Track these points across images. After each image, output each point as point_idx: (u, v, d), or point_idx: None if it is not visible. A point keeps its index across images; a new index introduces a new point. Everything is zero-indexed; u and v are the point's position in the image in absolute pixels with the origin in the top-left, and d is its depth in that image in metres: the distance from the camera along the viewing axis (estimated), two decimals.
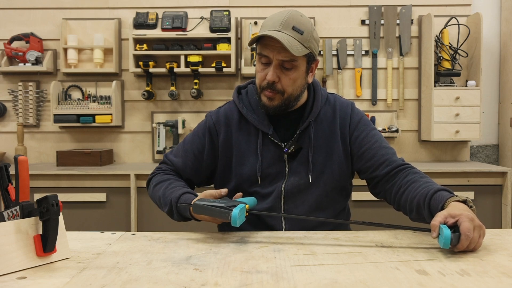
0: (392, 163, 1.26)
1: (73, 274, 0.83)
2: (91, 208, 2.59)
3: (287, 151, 1.27)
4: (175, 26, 2.87)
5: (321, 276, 0.80)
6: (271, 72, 1.20)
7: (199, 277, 0.80)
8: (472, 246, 0.93)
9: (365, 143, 1.30)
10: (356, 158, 1.31)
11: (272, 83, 1.21)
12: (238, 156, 1.31)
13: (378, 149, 1.28)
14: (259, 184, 1.29)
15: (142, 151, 3.08)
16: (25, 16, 3.06)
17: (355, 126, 1.32)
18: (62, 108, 2.92)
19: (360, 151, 1.30)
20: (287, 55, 1.18)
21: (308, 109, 1.31)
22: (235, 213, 1.01)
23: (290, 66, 1.21)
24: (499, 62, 3.12)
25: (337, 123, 1.32)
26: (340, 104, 1.35)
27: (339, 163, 1.30)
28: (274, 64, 1.20)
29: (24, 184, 0.89)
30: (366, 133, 1.31)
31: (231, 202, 1.08)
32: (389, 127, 2.97)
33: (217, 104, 3.05)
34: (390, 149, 1.30)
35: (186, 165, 1.34)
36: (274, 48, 1.18)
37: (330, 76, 3.06)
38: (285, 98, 1.24)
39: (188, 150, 1.34)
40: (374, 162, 1.27)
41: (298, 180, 1.28)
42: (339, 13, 3.06)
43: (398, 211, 1.25)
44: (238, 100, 1.34)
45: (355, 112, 1.35)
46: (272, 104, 1.24)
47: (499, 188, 2.59)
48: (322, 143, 1.30)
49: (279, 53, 1.18)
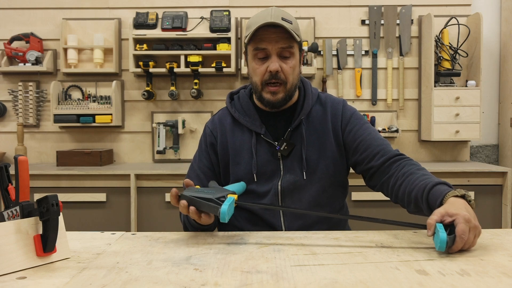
0: (387, 153, 1.26)
1: (73, 274, 0.83)
2: (91, 208, 2.59)
3: (279, 149, 1.29)
4: (175, 26, 2.87)
5: (321, 276, 0.80)
6: (273, 62, 1.23)
7: (199, 277, 0.80)
8: (466, 247, 0.94)
9: (358, 135, 1.31)
10: (352, 151, 1.32)
11: (276, 73, 1.23)
12: (233, 156, 1.33)
13: (372, 140, 1.29)
14: (255, 182, 1.30)
15: (142, 151, 3.08)
16: (25, 16, 3.06)
17: (347, 121, 1.33)
18: (62, 108, 2.92)
19: (354, 143, 1.31)
20: (286, 42, 1.23)
21: (299, 107, 1.33)
22: (224, 209, 0.99)
23: (288, 54, 1.25)
24: (499, 62, 3.12)
25: (328, 119, 1.33)
26: (331, 101, 1.37)
27: (333, 159, 1.31)
28: (273, 54, 1.23)
29: (24, 184, 0.89)
30: (359, 126, 1.33)
31: (219, 191, 1.07)
32: (389, 127, 2.97)
33: (217, 104, 3.05)
34: (384, 141, 1.31)
35: (202, 181, 1.35)
36: (271, 39, 1.22)
37: (330, 76, 3.06)
38: (287, 89, 1.27)
39: (201, 167, 1.37)
40: (369, 153, 1.28)
41: (293, 178, 1.29)
42: (339, 13, 3.06)
43: (396, 204, 1.25)
44: (231, 105, 1.38)
45: (347, 108, 1.36)
46: (277, 98, 1.27)
47: (499, 188, 2.59)
48: (315, 140, 1.31)
49: (277, 42, 1.22)
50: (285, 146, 1.29)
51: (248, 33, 1.25)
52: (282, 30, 1.21)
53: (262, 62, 1.25)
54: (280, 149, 1.29)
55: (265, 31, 1.22)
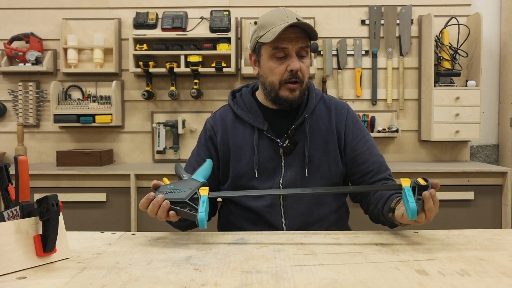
0: (379, 173, 1.31)
1: (73, 274, 0.83)
2: (91, 208, 2.59)
3: (281, 145, 1.29)
4: (175, 26, 2.87)
5: (321, 276, 0.80)
6: (295, 62, 1.24)
7: (199, 277, 0.80)
8: (434, 208, 0.98)
9: (358, 147, 1.33)
10: (348, 160, 1.34)
11: (296, 73, 1.25)
12: (235, 152, 1.33)
13: (369, 156, 1.33)
14: (256, 178, 1.30)
15: (142, 151, 3.08)
16: (25, 16, 3.06)
17: (350, 128, 1.35)
18: (62, 108, 2.92)
19: (352, 154, 1.33)
20: (304, 42, 1.24)
21: (303, 105, 1.34)
22: (201, 216, 0.99)
23: (305, 53, 1.27)
24: (499, 62, 3.12)
25: (332, 120, 1.34)
26: (336, 103, 1.39)
27: (335, 158, 1.32)
28: (293, 53, 1.24)
29: (24, 184, 0.89)
30: (360, 137, 1.35)
31: (189, 185, 1.06)
32: (389, 127, 2.97)
33: (217, 104, 3.05)
34: (380, 157, 1.35)
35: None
36: (291, 38, 1.23)
37: (330, 76, 3.06)
38: (303, 87, 1.29)
39: (198, 160, 1.36)
40: (364, 168, 1.32)
41: (294, 175, 1.30)
42: (339, 13, 3.06)
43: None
44: (233, 103, 1.39)
45: (351, 114, 1.38)
46: (294, 95, 1.27)
47: (499, 188, 2.59)
48: (318, 138, 1.32)
49: (297, 41, 1.23)
50: (287, 143, 1.29)
51: (265, 33, 1.24)
52: (299, 30, 1.23)
53: (281, 62, 1.25)
54: (283, 145, 1.29)
55: (286, 31, 1.22)
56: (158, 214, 1.04)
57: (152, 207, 1.04)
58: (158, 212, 1.04)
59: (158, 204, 1.03)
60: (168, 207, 1.03)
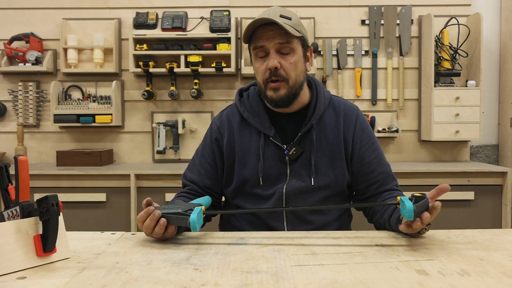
0: (386, 184, 1.30)
1: (73, 274, 0.83)
2: (91, 208, 2.59)
3: (287, 153, 1.27)
4: (175, 26, 2.87)
5: (321, 276, 0.80)
6: (271, 59, 1.21)
7: (199, 277, 0.80)
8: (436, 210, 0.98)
9: (366, 156, 1.31)
10: (354, 169, 1.32)
11: (275, 70, 1.21)
12: (240, 157, 1.30)
13: (376, 166, 1.31)
14: (260, 185, 1.28)
15: (142, 151, 3.08)
16: (25, 16, 3.06)
17: (359, 136, 1.32)
18: (62, 108, 2.92)
19: (360, 163, 1.31)
20: (282, 38, 1.20)
21: (310, 111, 1.30)
22: (193, 218, 0.99)
23: (287, 50, 1.22)
24: (499, 62, 3.12)
25: (340, 128, 1.31)
26: (345, 108, 1.34)
27: (342, 168, 1.30)
28: (272, 51, 1.21)
29: (24, 184, 0.89)
30: (368, 146, 1.32)
31: (186, 205, 1.08)
32: (389, 127, 2.97)
33: (217, 104, 3.05)
34: (387, 166, 1.33)
35: (202, 177, 1.34)
36: (267, 36, 1.20)
37: (330, 76, 3.06)
38: (290, 86, 1.23)
39: (202, 162, 1.35)
40: (371, 178, 1.30)
41: (299, 183, 1.27)
42: (339, 13, 3.06)
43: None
44: (240, 103, 1.35)
45: (360, 120, 1.34)
46: (279, 94, 1.23)
47: (499, 188, 2.59)
48: (325, 147, 1.29)
49: (274, 38, 1.20)
50: (294, 151, 1.26)
51: (246, 34, 1.24)
52: (279, 26, 1.19)
53: (263, 61, 1.23)
54: (289, 153, 1.27)
55: (263, 29, 1.20)
56: (155, 231, 1.03)
57: (149, 221, 1.03)
58: (156, 228, 1.03)
59: (155, 219, 1.03)
60: (165, 224, 1.03)
